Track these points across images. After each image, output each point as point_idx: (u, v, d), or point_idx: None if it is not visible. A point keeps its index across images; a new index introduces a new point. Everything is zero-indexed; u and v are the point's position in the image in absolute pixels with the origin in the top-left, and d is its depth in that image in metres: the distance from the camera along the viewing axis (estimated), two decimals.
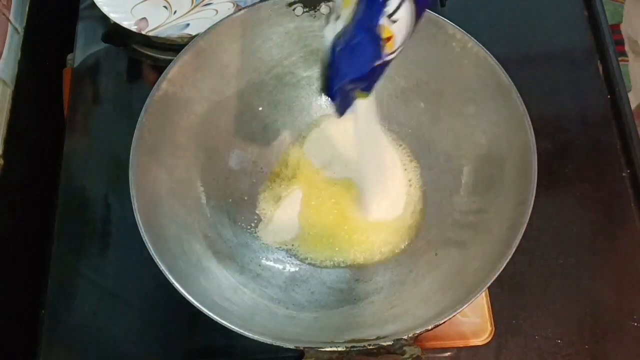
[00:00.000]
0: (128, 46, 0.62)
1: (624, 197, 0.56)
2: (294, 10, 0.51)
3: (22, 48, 0.63)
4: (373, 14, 0.36)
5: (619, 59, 0.61)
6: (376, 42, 0.37)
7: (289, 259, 0.50)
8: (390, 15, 0.36)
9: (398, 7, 0.36)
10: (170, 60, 0.48)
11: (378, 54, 0.37)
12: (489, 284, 0.40)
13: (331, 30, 0.38)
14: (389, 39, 0.37)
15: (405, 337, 0.39)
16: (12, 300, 0.55)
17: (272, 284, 0.49)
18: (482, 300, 0.51)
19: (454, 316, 0.40)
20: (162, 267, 0.41)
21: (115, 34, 0.60)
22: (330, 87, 0.39)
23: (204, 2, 0.60)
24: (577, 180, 0.57)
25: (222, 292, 0.45)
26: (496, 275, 0.40)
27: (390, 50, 0.38)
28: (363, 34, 0.37)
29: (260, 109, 0.54)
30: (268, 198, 0.53)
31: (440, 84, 0.52)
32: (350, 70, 0.38)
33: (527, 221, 0.41)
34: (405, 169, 0.53)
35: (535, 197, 0.42)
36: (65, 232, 0.56)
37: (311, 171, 0.54)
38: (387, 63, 0.39)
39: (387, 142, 0.54)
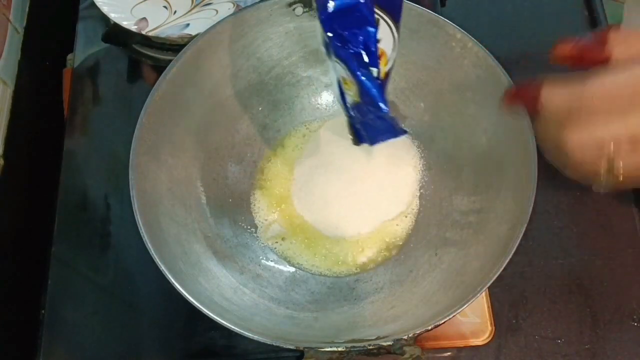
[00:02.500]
0: (128, 46, 0.62)
1: (624, 197, 0.56)
2: (294, 10, 0.51)
3: (22, 48, 0.63)
4: (375, 98, 0.38)
5: None
6: (386, 113, 0.39)
7: (283, 261, 0.51)
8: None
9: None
10: (170, 60, 0.48)
11: (389, 113, 0.40)
12: (489, 284, 0.40)
13: (339, 97, 0.42)
14: (381, 56, 0.38)
15: (405, 337, 0.39)
16: (12, 300, 0.55)
17: (272, 284, 0.49)
18: (482, 300, 0.51)
19: (454, 316, 0.40)
20: (162, 267, 0.41)
21: (115, 34, 0.60)
22: (363, 141, 0.47)
23: (204, 2, 0.60)
24: (577, 180, 0.56)
25: (222, 292, 0.45)
26: (496, 275, 0.40)
27: (385, 64, 0.39)
28: (374, 114, 0.40)
29: (260, 109, 0.54)
30: (267, 198, 0.53)
31: (440, 84, 0.52)
32: (379, 136, 0.45)
33: (527, 221, 0.41)
34: (405, 169, 0.53)
35: (536, 197, 0.42)
36: (65, 232, 0.56)
37: (308, 173, 0.54)
38: (388, 75, 0.41)
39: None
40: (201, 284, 0.44)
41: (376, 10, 0.37)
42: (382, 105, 0.38)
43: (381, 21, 0.38)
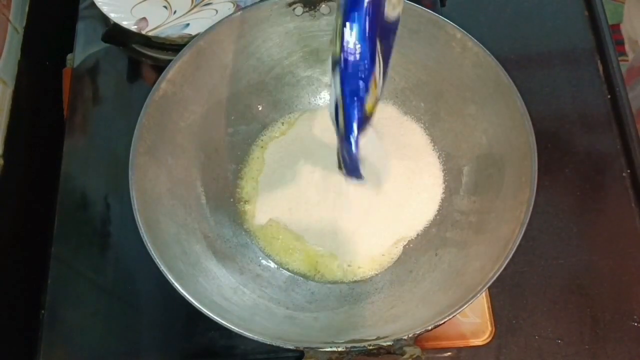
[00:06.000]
0: (128, 46, 0.62)
1: (624, 197, 0.56)
2: (294, 10, 0.51)
3: (22, 48, 0.63)
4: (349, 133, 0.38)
5: (619, 59, 0.61)
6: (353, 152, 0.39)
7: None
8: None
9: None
10: (170, 60, 0.48)
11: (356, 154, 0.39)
12: (489, 284, 0.40)
13: (333, 116, 0.40)
14: (375, 84, 0.38)
15: (405, 337, 0.39)
16: (12, 300, 0.55)
17: (272, 284, 0.49)
18: (482, 300, 0.51)
19: (454, 316, 0.40)
20: (162, 267, 0.41)
21: (115, 34, 0.60)
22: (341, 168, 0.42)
23: (204, 2, 0.60)
24: (577, 180, 0.57)
25: (222, 292, 0.45)
26: (496, 276, 0.40)
27: (375, 94, 0.39)
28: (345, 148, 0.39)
29: (260, 108, 0.54)
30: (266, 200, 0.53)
31: (440, 84, 0.52)
32: (347, 170, 0.41)
33: (527, 221, 0.42)
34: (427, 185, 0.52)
35: (536, 197, 0.42)
36: (65, 232, 0.56)
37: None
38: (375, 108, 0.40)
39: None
40: (201, 284, 0.44)
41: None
42: (352, 142, 0.38)
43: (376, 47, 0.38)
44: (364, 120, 0.38)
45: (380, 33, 0.38)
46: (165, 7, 0.59)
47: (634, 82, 0.79)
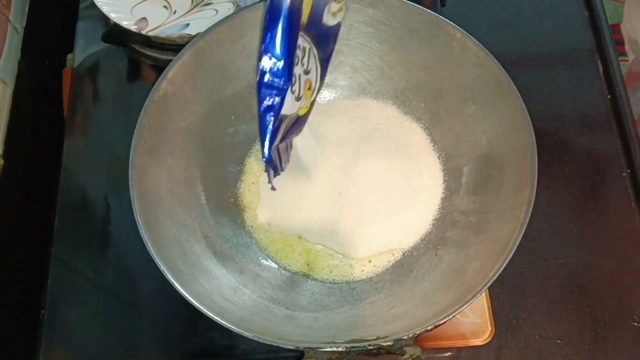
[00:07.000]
0: (128, 46, 0.62)
1: (624, 197, 0.56)
2: None
3: (22, 48, 0.63)
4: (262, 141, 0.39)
5: (619, 59, 0.61)
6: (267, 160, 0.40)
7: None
8: (306, 72, 0.40)
9: (308, 61, 0.40)
10: (170, 60, 0.48)
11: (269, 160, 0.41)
12: (489, 284, 0.40)
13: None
14: (309, 87, 0.41)
15: (405, 337, 0.39)
16: (12, 300, 0.55)
17: (272, 284, 0.49)
18: (482, 300, 0.51)
19: (454, 316, 0.40)
20: (162, 267, 0.41)
21: (115, 34, 0.60)
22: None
23: (204, 2, 0.60)
24: (577, 180, 0.57)
25: (222, 292, 0.45)
26: (496, 276, 0.40)
27: (310, 96, 0.41)
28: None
29: None
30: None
31: (440, 84, 0.52)
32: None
33: (527, 221, 0.42)
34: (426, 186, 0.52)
35: (536, 197, 0.42)
36: (65, 232, 0.56)
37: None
38: (311, 107, 0.43)
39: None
40: (201, 284, 0.44)
41: (306, 38, 0.38)
42: (265, 152, 0.39)
43: (311, 53, 0.40)
44: (283, 127, 0.40)
45: (319, 40, 0.40)
46: (165, 7, 0.59)
47: (634, 87, 0.79)
